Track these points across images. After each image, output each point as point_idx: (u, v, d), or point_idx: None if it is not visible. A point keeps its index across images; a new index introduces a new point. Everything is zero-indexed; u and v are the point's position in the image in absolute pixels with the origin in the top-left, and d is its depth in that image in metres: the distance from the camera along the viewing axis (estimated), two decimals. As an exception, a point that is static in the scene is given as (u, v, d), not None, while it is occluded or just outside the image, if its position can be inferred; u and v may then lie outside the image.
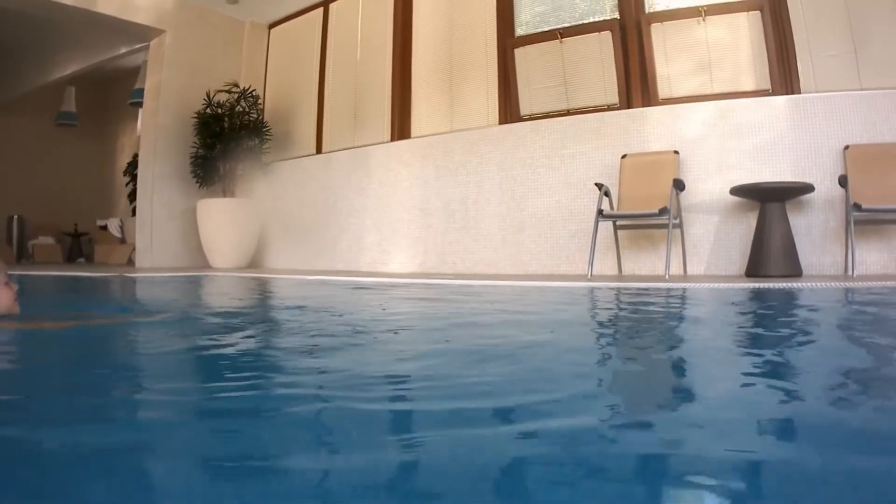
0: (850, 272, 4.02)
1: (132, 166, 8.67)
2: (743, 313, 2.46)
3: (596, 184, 4.71)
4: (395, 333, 1.93)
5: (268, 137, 7.36)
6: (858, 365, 1.33)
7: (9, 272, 1.94)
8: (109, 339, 1.76)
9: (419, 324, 2.25)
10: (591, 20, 5.44)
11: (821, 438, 0.78)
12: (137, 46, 7.99)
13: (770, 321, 2.19)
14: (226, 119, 7.06)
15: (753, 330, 1.99)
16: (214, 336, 1.82)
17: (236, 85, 7.20)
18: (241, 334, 1.85)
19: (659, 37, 5.09)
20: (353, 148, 6.88)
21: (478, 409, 0.92)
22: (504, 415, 0.90)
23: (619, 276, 4.72)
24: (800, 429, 0.86)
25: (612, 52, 5.26)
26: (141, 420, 0.90)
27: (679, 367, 1.37)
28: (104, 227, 10.01)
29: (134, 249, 7.74)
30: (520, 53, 5.76)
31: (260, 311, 2.82)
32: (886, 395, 1.06)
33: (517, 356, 1.44)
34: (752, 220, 4.43)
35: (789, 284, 3.42)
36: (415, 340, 1.81)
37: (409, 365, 1.37)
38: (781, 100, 4.59)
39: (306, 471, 0.67)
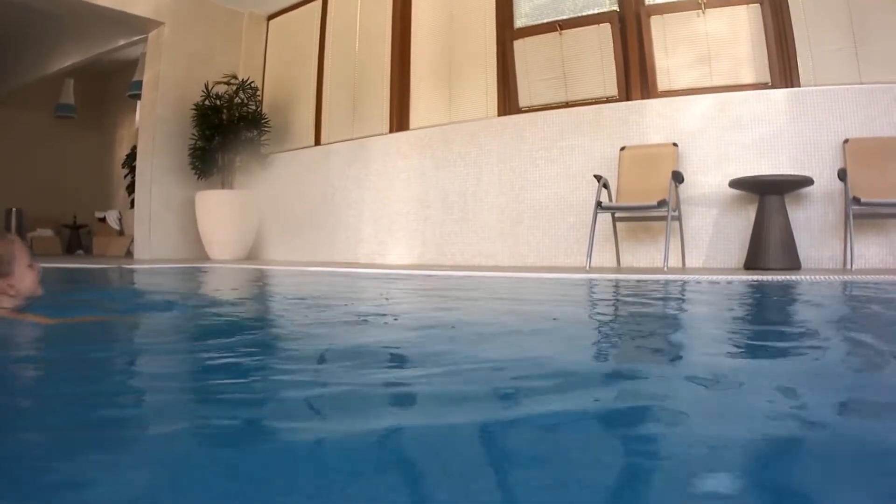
0: (848, 266, 4.02)
1: (131, 158, 8.66)
2: (743, 305, 2.46)
3: (595, 176, 4.71)
4: (396, 319, 1.93)
5: (266, 129, 7.35)
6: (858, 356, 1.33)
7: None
8: (131, 335, 1.72)
9: (422, 313, 2.25)
10: (591, 12, 5.42)
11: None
12: (136, 38, 7.96)
13: (769, 312, 2.19)
14: (224, 111, 7.05)
15: (754, 320, 2.00)
16: (229, 333, 1.80)
17: (235, 76, 7.19)
18: (252, 332, 1.84)
19: (658, 29, 5.08)
20: (352, 140, 6.87)
21: (480, 407, 0.92)
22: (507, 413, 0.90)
23: (618, 269, 4.72)
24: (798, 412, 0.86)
25: (612, 44, 5.25)
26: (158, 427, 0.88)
27: (680, 358, 1.37)
28: (103, 219, 10.00)
29: (132, 241, 7.73)
30: (519, 45, 5.75)
31: (267, 305, 2.82)
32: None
33: (520, 352, 1.44)
34: (750, 213, 4.43)
35: (788, 277, 3.42)
36: (417, 330, 1.81)
37: (413, 357, 1.37)
38: (781, 93, 4.58)
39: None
